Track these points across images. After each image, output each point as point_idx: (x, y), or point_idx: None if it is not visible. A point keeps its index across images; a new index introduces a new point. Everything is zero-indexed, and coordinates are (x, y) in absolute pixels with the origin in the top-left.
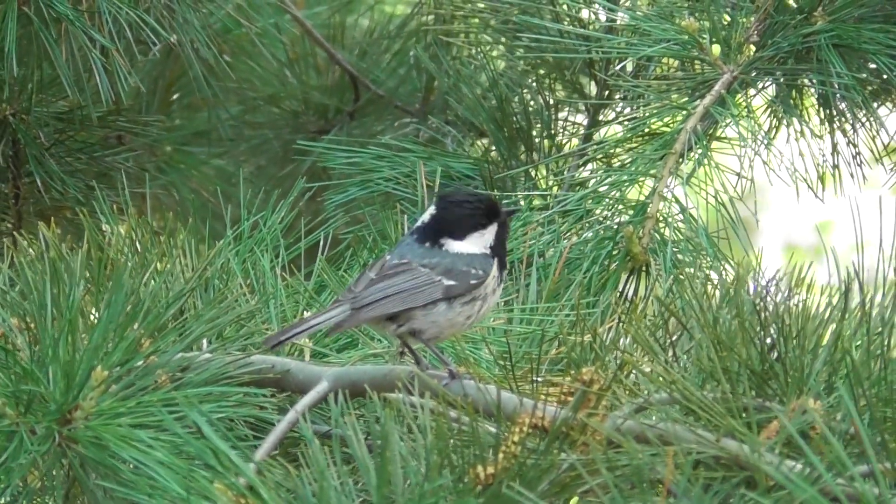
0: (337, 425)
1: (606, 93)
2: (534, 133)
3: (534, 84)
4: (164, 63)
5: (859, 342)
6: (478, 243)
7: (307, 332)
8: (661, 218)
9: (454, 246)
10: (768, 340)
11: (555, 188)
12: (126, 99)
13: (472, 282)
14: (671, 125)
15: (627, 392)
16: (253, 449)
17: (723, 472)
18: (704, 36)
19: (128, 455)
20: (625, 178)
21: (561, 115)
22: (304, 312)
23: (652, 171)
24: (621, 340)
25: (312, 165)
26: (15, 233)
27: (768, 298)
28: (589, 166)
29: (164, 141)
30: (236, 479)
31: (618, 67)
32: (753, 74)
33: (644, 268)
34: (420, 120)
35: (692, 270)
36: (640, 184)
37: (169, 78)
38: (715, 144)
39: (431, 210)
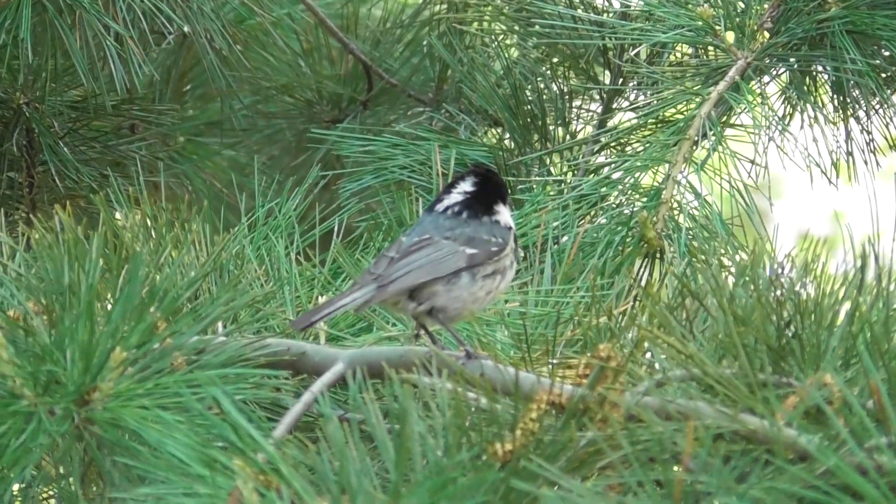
0: (355, 403)
1: (620, 80)
2: (548, 120)
3: (548, 72)
4: (178, 53)
5: (876, 318)
6: (507, 210)
7: (335, 312)
8: (675, 203)
9: (500, 209)
10: (784, 316)
11: (569, 175)
12: (140, 88)
13: (493, 249)
14: (685, 112)
15: (644, 369)
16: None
17: (742, 446)
18: (718, 22)
19: (146, 435)
20: (639, 164)
21: (575, 102)
22: (320, 298)
23: (666, 157)
24: (637, 319)
25: (326, 155)
26: (31, 216)
27: (784, 275)
28: (603, 153)
29: (176, 131)
30: (256, 456)
31: (632, 54)
32: (767, 61)
33: (658, 253)
34: (433, 109)
35: (705, 256)
36: (654, 170)
37: (182, 68)
38: (729, 131)
39: (470, 184)
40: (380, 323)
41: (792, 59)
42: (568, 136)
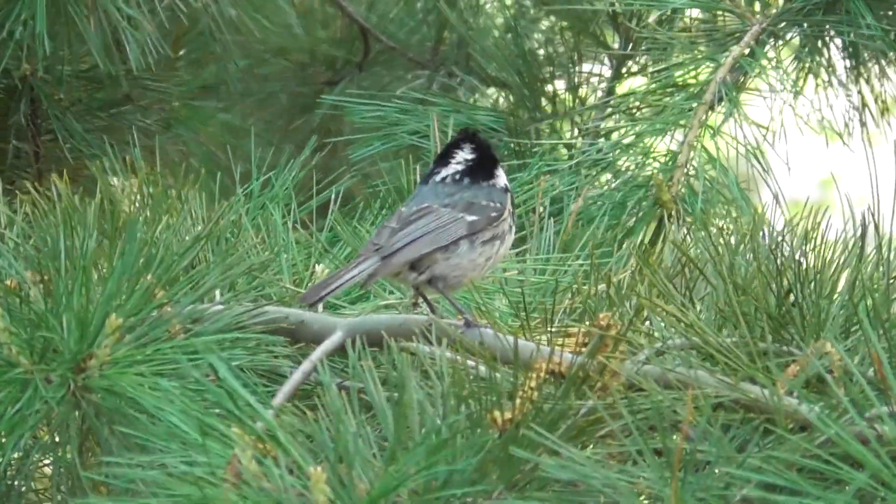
0: (354, 372)
1: (630, 45)
2: (556, 84)
3: (557, 35)
4: (172, 18)
5: (876, 286)
6: (503, 173)
7: (343, 286)
8: (690, 168)
9: (499, 172)
10: (784, 284)
11: (578, 140)
12: (137, 58)
13: (492, 214)
14: (698, 77)
15: (644, 338)
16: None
17: (742, 415)
18: None
19: (144, 402)
20: (656, 127)
21: (586, 66)
22: (317, 266)
23: (682, 122)
24: (637, 287)
25: (322, 120)
26: (31, 186)
27: (784, 244)
28: (613, 118)
29: (171, 96)
30: (254, 424)
31: (651, 20)
32: (782, 26)
33: (670, 217)
34: (431, 71)
35: (718, 220)
36: (667, 134)
37: (175, 34)
38: (742, 95)
39: (468, 151)
40: (377, 291)
41: (806, 25)
42: (578, 101)
